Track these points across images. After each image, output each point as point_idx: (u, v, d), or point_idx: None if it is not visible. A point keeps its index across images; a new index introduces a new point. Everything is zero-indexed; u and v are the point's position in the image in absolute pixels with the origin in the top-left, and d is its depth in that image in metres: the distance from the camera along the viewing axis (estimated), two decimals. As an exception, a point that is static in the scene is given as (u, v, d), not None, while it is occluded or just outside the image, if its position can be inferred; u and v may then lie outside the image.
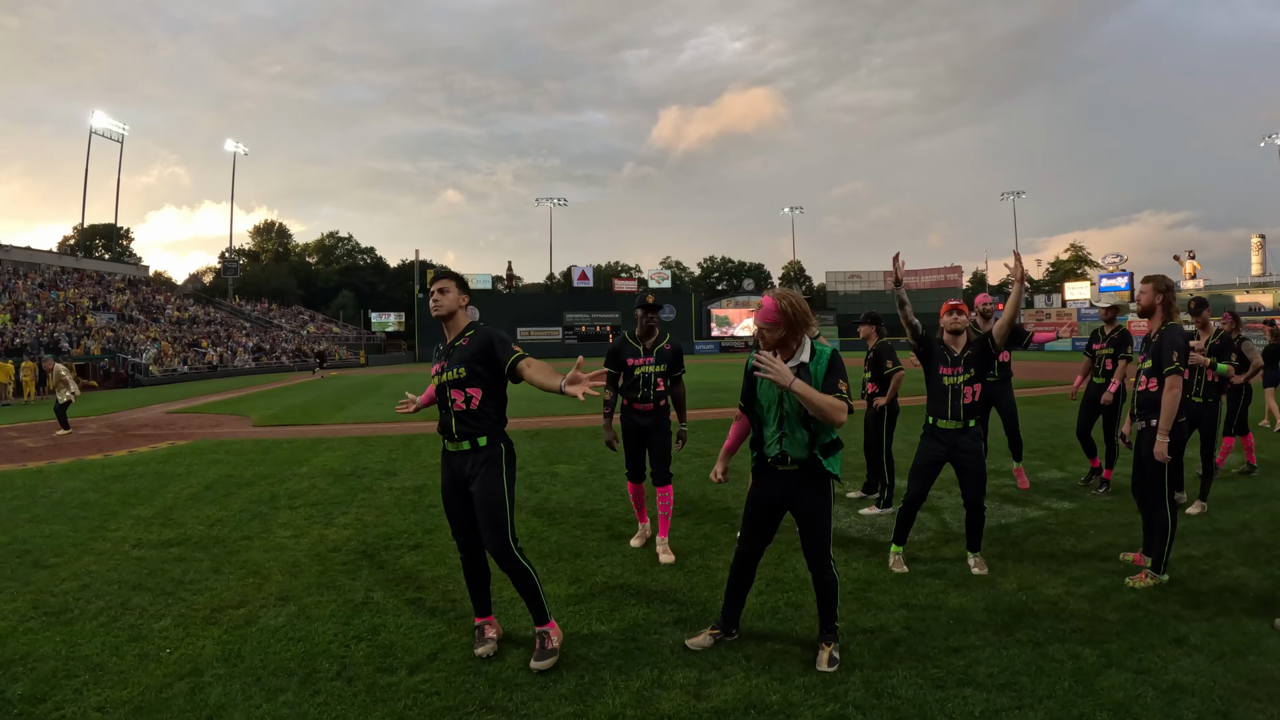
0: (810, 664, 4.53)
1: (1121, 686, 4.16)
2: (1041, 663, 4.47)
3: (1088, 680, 4.25)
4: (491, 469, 4.65)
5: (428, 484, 10.04)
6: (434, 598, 5.76)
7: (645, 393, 6.75)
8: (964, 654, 4.61)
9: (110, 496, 9.62)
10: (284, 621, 5.28)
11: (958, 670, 4.40)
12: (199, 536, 7.56)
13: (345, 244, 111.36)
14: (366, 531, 7.69)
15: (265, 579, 6.23)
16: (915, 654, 4.64)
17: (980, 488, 6.27)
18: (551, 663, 4.55)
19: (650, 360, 6.77)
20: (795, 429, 4.46)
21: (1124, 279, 76.69)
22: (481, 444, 4.68)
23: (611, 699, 4.17)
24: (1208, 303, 7.93)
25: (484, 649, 4.78)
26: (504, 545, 4.59)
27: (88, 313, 52.15)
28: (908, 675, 4.35)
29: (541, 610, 4.71)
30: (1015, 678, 4.30)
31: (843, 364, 4.45)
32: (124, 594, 5.92)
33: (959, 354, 6.27)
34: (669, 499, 6.89)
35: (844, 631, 4.94)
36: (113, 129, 70.74)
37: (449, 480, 4.82)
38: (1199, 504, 7.51)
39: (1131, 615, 5.16)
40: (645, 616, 5.36)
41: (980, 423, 6.32)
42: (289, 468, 11.60)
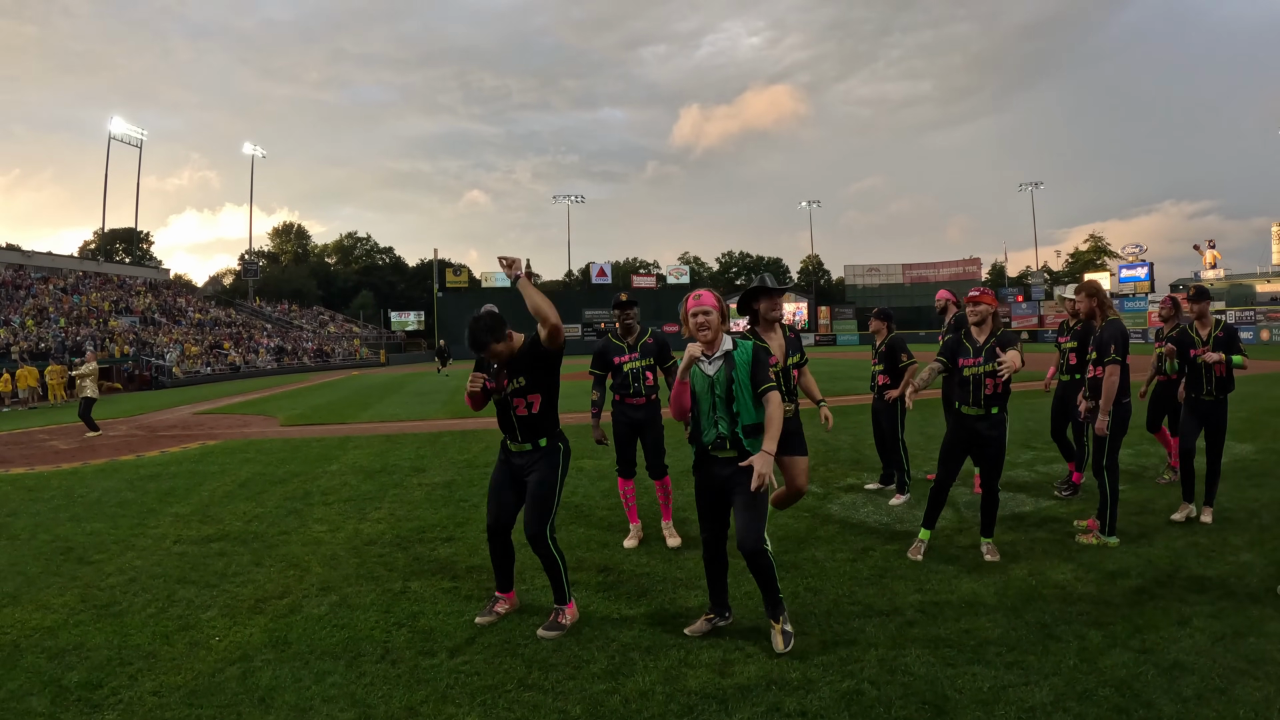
0: (831, 645, 4.73)
1: (1124, 665, 4.33)
2: (1048, 643, 4.66)
3: (1092, 659, 4.42)
4: (549, 462, 5.22)
5: (456, 480, 10.33)
6: (469, 587, 6.00)
7: (636, 388, 6.98)
8: (974, 635, 4.80)
9: (147, 495, 9.93)
10: (327, 610, 5.53)
11: (968, 649, 4.59)
12: (238, 532, 7.84)
13: (364, 244, 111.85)
14: (400, 525, 7.94)
15: (305, 571, 6.49)
16: (928, 635, 4.83)
17: (995, 474, 6.44)
18: (556, 635, 4.99)
19: (635, 356, 7.00)
20: (725, 414, 4.76)
21: (1144, 269, 75.99)
22: (543, 444, 5.22)
23: (641, 677, 4.38)
24: (1208, 293, 7.52)
25: (485, 619, 5.26)
26: (541, 531, 5.11)
27: (110, 316, 52.73)
28: (920, 654, 4.55)
29: (563, 592, 5.20)
30: (1023, 656, 4.48)
31: (764, 352, 4.91)
32: (169, 587, 6.19)
33: (981, 345, 6.42)
34: (667, 488, 7.20)
35: (859, 614, 5.21)
36: (131, 134, 71.29)
37: (505, 472, 5.35)
38: (1207, 510, 7.32)
39: (1137, 599, 5.32)
40: (671, 601, 5.60)
41: (1003, 410, 6.43)
42: (319, 465, 11.90)
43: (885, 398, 8.76)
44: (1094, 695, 4.00)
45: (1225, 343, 7.35)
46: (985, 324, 6.53)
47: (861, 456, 11.15)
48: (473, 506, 8.64)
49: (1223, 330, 7.48)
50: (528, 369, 5.13)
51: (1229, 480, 7.67)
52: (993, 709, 3.91)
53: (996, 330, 6.50)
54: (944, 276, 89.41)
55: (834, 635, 4.89)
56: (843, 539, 7.04)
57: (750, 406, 4.75)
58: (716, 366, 4.80)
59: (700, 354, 4.78)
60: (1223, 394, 7.39)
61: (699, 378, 4.84)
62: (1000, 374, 6.17)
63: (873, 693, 4.10)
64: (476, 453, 12.70)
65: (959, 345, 6.57)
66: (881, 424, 8.96)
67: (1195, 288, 7.68)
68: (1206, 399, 7.42)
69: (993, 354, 6.31)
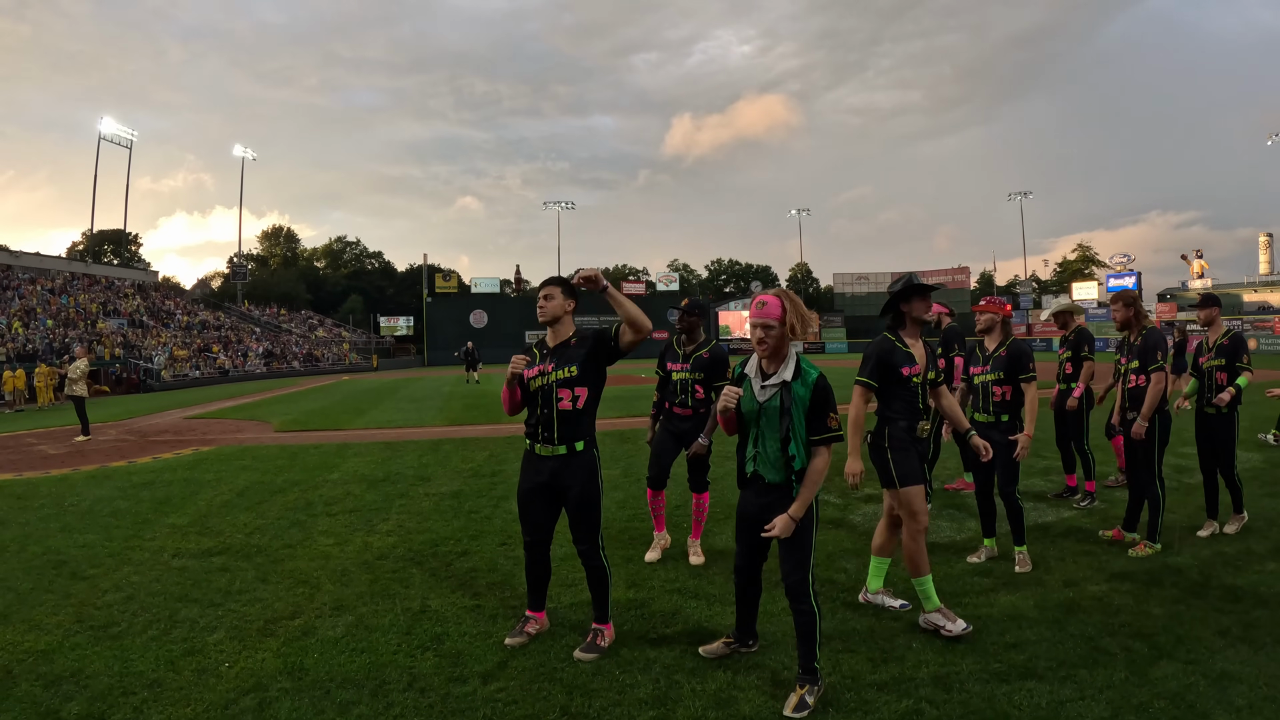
0: (879, 662, 4.57)
1: (1174, 676, 4.29)
2: (1096, 655, 4.60)
3: (1142, 671, 4.36)
4: (590, 475, 4.87)
5: (464, 489, 9.98)
6: (492, 604, 5.68)
7: (683, 399, 6.68)
8: (1022, 649, 4.71)
9: (141, 504, 9.53)
10: (343, 632, 5.19)
11: (1019, 664, 4.50)
12: (239, 545, 7.48)
13: (353, 248, 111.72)
14: (411, 538, 7.59)
15: (316, 588, 6.14)
16: (976, 649, 4.72)
17: (1008, 478, 6.37)
18: (595, 658, 4.67)
19: (686, 367, 6.66)
20: (767, 448, 4.18)
21: (1132, 279, 76.46)
22: (579, 449, 4.84)
23: (691, 702, 4.13)
24: (1217, 299, 7.51)
25: (516, 640, 4.93)
26: (593, 541, 4.89)
27: (98, 318, 52.25)
28: (972, 670, 4.44)
29: (605, 610, 4.93)
30: (1073, 670, 4.41)
31: (831, 391, 4.19)
32: (171, 605, 5.81)
33: (990, 353, 6.51)
34: (704, 506, 6.84)
35: (902, 630, 5.03)
36: (121, 134, 70.74)
37: (534, 484, 4.93)
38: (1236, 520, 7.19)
39: (1175, 609, 5.28)
40: (708, 618, 5.34)
41: (1014, 418, 6.44)
42: (320, 474, 11.52)
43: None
44: (1150, 708, 3.96)
45: (1229, 350, 7.24)
46: (994, 331, 6.60)
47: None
48: (484, 519, 8.33)
49: (1229, 339, 7.30)
50: (585, 358, 4.82)
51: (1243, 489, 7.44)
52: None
53: (1007, 339, 6.57)
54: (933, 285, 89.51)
55: (881, 652, 4.72)
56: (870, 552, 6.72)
57: (802, 449, 4.14)
58: (771, 393, 4.17)
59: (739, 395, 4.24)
60: (1231, 409, 7.17)
61: (747, 397, 4.23)
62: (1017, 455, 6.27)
63: (932, 712, 3.98)
64: (480, 461, 12.36)
65: (971, 354, 6.72)
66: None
67: (1203, 294, 7.62)
68: (1209, 411, 7.25)
69: (1001, 362, 6.41)
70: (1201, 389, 7.33)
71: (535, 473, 4.92)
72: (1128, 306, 7.04)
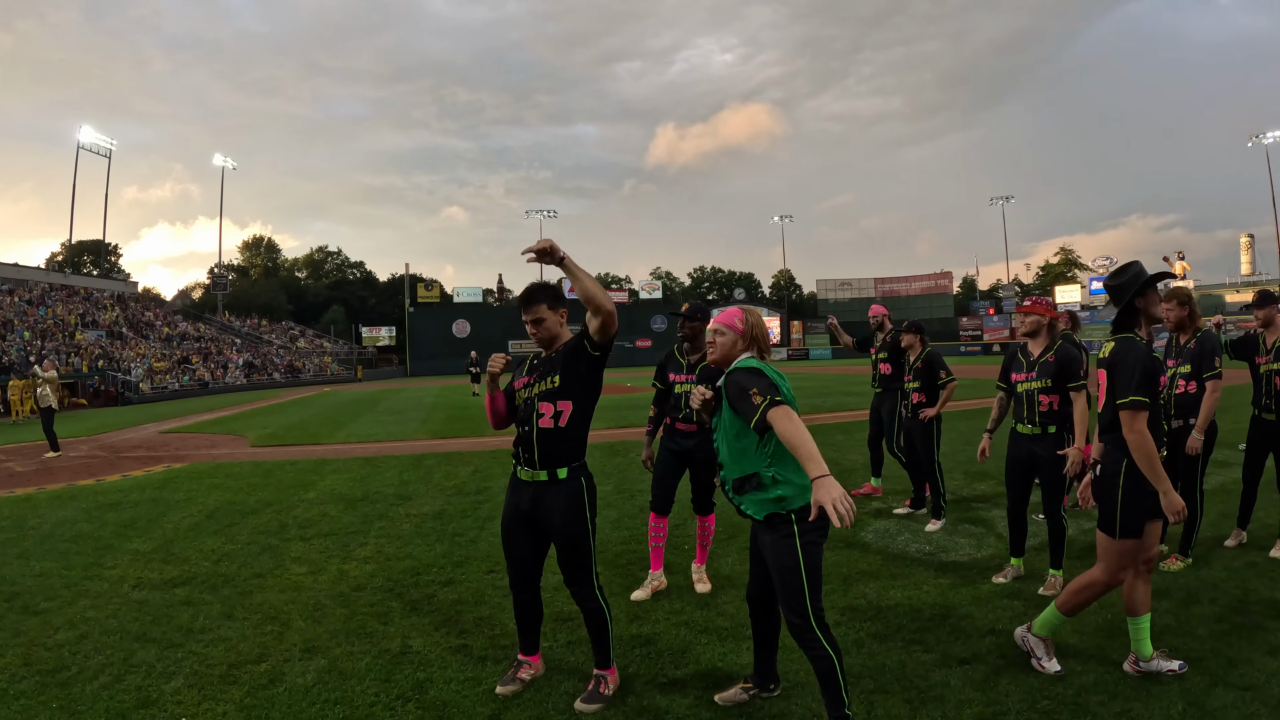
0: (918, 704, 4.10)
1: (1233, 705, 3.97)
2: (1147, 685, 4.23)
3: (1199, 702, 4.02)
4: (574, 505, 4.26)
5: (447, 509, 9.42)
6: (481, 644, 5.13)
7: (688, 413, 6.04)
8: (1069, 682, 4.31)
9: (105, 528, 8.95)
10: (314, 679, 4.62)
11: (1068, 700, 4.11)
12: (205, 574, 6.91)
13: (334, 258, 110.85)
14: (390, 566, 7.03)
15: (286, 626, 5.56)
16: (1020, 685, 4.29)
17: (1054, 495, 5.97)
18: (598, 709, 4.15)
19: (691, 378, 6.08)
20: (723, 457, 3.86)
21: (1116, 281, 76.58)
22: (561, 476, 4.23)
23: None
24: (1274, 296, 6.82)
25: (508, 689, 4.36)
26: (587, 581, 4.30)
27: (76, 330, 51.32)
28: (1020, 709, 4.02)
29: (607, 654, 4.37)
30: (1128, 704, 4.03)
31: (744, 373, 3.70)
32: (126, 646, 5.25)
33: (1035, 358, 5.95)
34: (710, 529, 6.31)
35: (938, 664, 4.58)
36: (100, 144, 69.68)
37: (515, 513, 4.35)
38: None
39: (1218, 628, 4.98)
40: (722, 657, 4.83)
41: (1061, 429, 5.87)
42: (295, 493, 10.94)
43: (921, 416, 8.15)
44: None
45: None
46: (1040, 335, 6.02)
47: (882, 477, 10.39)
48: (469, 542, 7.78)
49: None
50: (566, 364, 4.24)
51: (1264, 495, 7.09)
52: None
53: (1055, 343, 5.98)
54: (916, 290, 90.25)
55: (918, 691, 4.24)
56: (889, 573, 6.39)
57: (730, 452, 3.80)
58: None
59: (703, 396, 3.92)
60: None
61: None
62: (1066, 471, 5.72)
63: None
64: (465, 478, 11.79)
65: (1013, 359, 6.10)
66: (915, 444, 8.31)
67: (1258, 292, 6.97)
68: (1267, 417, 6.72)
69: (1049, 369, 5.83)
70: (1258, 393, 6.79)
71: (516, 497, 4.36)
72: (1182, 305, 6.50)
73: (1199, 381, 6.36)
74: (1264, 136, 75.23)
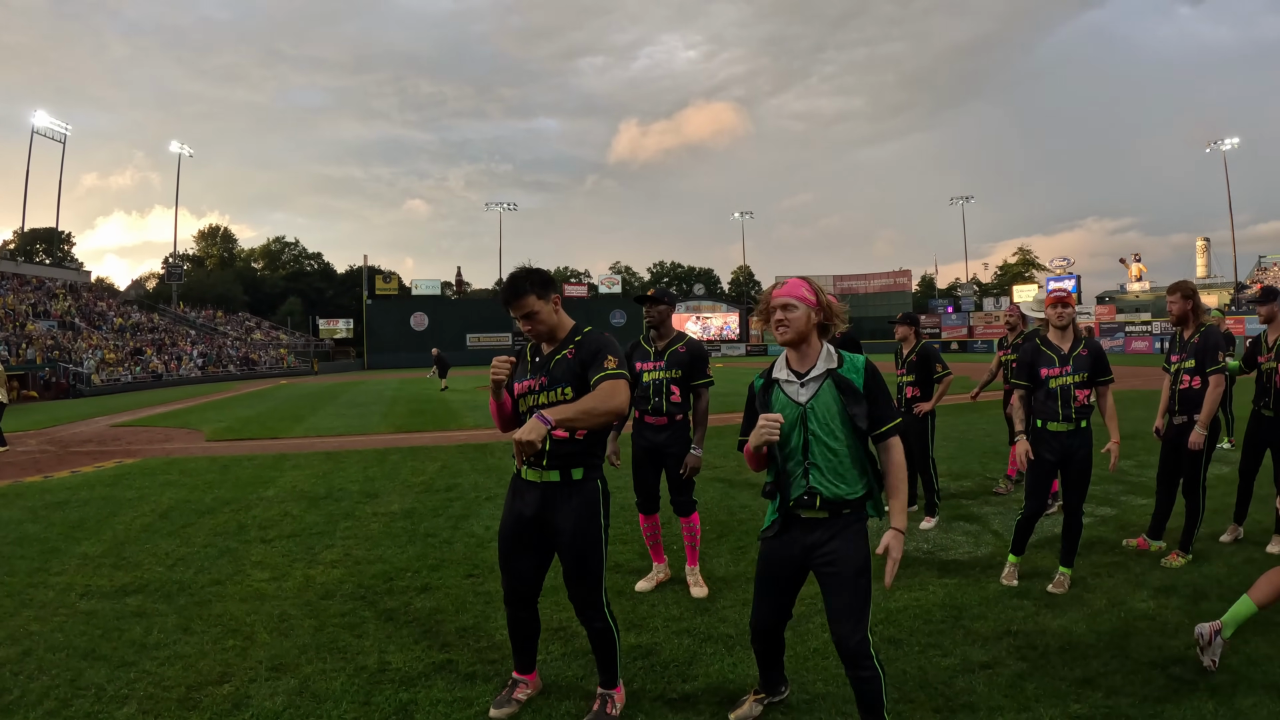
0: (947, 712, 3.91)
1: (1263, 705, 3.88)
2: (1176, 686, 4.13)
3: (1228, 701, 3.92)
4: (589, 510, 3.80)
5: (417, 508, 8.96)
6: (467, 659, 4.69)
7: (656, 403, 5.77)
8: (1096, 684, 4.17)
9: (52, 529, 8.37)
10: (284, 703, 4.15)
11: (1099, 704, 3.95)
12: (159, 581, 6.39)
13: (292, 249, 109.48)
14: (360, 570, 6.56)
15: (249, 640, 5.07)
16: (1048, 690, 4.12)
17: (1082, 494, 5.82)
18: None
19: (660, 365, 5.77)
20: (821, 457, 3.39)
21: (1071, 281, 77.72)
22: (576, 477, 3.78)
23: None
24: (1277, 292, 6.67)
25: (503, 712, 3.94)
26: (596, 599, 3.86)
27: (27, 320, 49.85)
28: (1053, 715, 3.84)
29: (614, 673, 3.97)
30: (1159, 707, 3.90)
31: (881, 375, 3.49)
32: (74, 665, 4.72)
33: (1067, 353, 5.76)
34: (695, 529, 5.96)
35: (959, 670, 4.39)
36: (54, 128, 67.89)
37: (517, 516, 3.87)
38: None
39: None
40: (731, 667, 4.51)
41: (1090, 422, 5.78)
42: (254, 490, 10.39)
43: (915, 411, 7.91)
44: None
45: None
46: (1069, 329, 5.88)
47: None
48: (444, 543, 7.35)
49: None
50: (579, 378, 3.76)
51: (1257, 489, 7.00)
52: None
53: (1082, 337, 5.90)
54: (874, 288, 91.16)
55: (945, 699, 4.03)
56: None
57: (850, 460, 3.41)
58: (811, 391, 3.43)
59: (783, 376, 3.50)
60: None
61: (786, 406, 3.44)
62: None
63: None
64: (433, 473, 11.32)
65: (1038, 355, 5.85)
66: (909, 440, 7.96)
67: (1263, 287, 6.84)
68: (1266, 414, 6.62)
69: (1084, 362, 5.69)
70: (1259, 391, 6.69)
71: (520, 503, 3.86)
72: (1186, 299, 6.37)
73: (1202, 376, 6.25)
74: (1220, 143, 77.37)
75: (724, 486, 9.83)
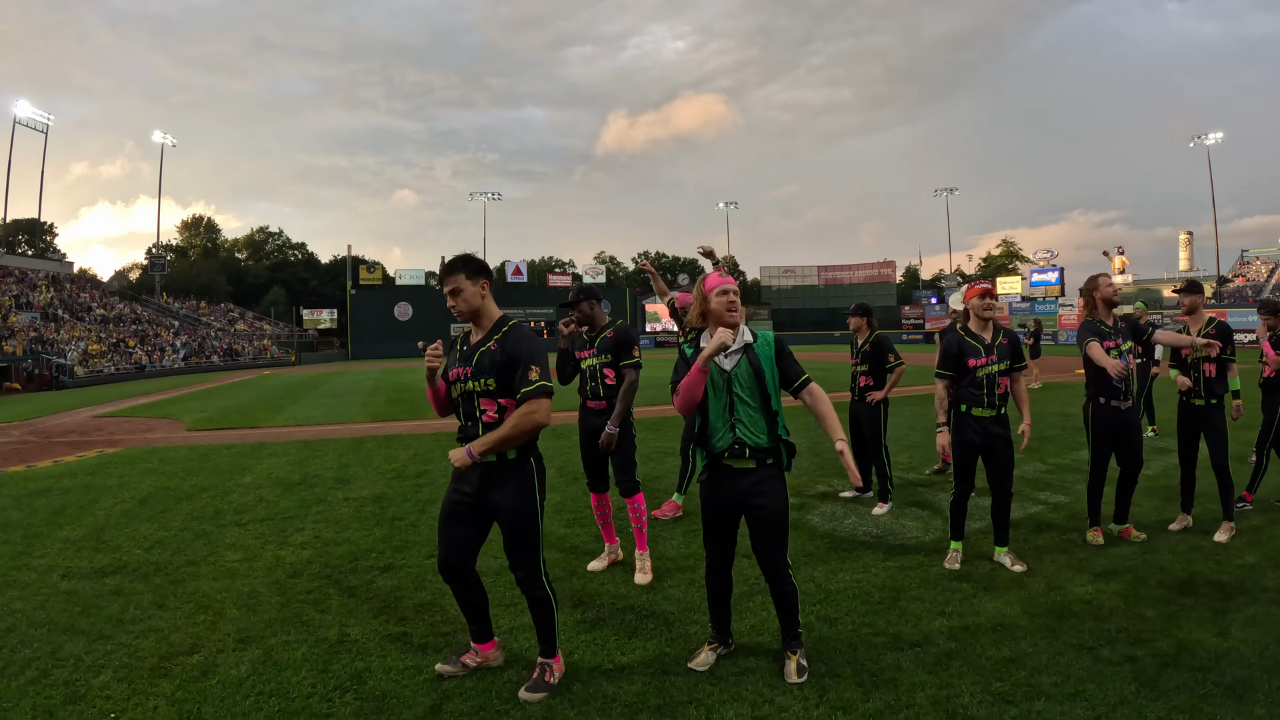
0: (870, 687, 4.15)
1: (1186, 686, 4.05)
2: (1100, 667, 4.32)
3: (1151, 682, 4.10)
4: (524, 489, 4.12)
5: (387, 493, 9.29)
6: (421, 632, 5.02)
7: (593, 388, 6.16)
8: (1020, 663, 4.38)
9: (34, 515, 8.63)
10: (248, 671, 4.48)
11: (1021, 682, 4.16)
12: (136, 563, 6.69)
13: (275, 239, 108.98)
14: (328, 551, 6.88)
15: (219, 615, 5.40)
16: (972, 667, 4.35)
17: (1010, 474, 6.19)
18: (543, 697, 4.06)
19: (592, 352, 6.14)
20: (746, 414, 4.18)
21: (1055, 274, 78.30)
22: (511, 457, 4.09)
23: None
24: (1200, 286, 7.35)
25: (446, 668, 4.37)
26: (534, 568, 4.19)
27: (10, 311, 49.74)
28: (973, 691, 4.06)
29: (553, 642, 4.26)
30: (1080, 685, 4.10)
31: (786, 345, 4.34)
32: (54, 639, 5.04)
33: (990, 343, 6.11)
34: (640, 509, 6.20)
35: (888, 646, 4.67)
36: (37, 118, 67.47)
37: (459, 493, 4.19)
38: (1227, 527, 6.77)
39: (1167, 610, 5.10)
40: (670, 641, 4.83)
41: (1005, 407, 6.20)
42: (231, 477, 10.68)
43: (869, 400, 8.22)
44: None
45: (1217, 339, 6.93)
46: (990, 321, 6.26)
47: (825, 461, 10.50)
48: (410, 526, 7.66)
49: (1214, 328, 7.07)
50: (501, 375, 4.05)
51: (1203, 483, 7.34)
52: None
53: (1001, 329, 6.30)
54: (859, 279, 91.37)
55: (870, 675, 4.28)
56: (837, 556, 6.43)
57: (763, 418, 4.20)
58: (735, 360, 4.20)
59: (729, 341, 4.08)
60: (1213, 396, 6.99)
61: (714, 372, 4.20)
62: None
63: None
64: (405, 461, 11.65)
65: (964, 346, 6.16)
66: (863, 428, 8.33)
67: (1187, 281, 7.32)
68: (1197, 403, 7.02)
69: (1004, 351, 6.10)
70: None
71: (462, 481, 4.19)
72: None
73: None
74: (1205, 138, 77.76)
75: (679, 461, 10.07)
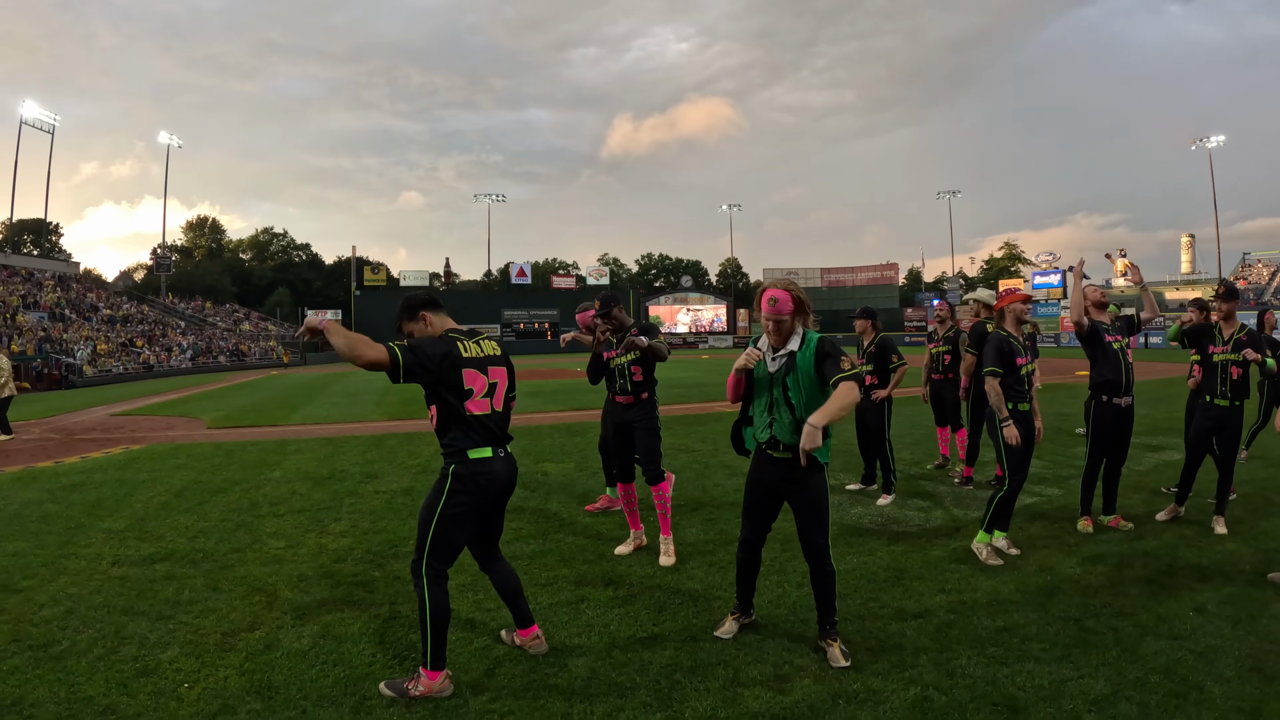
0: (879, 650, 4.60)
1: (1163, 652, 4.48)
2: (1085, 636, 4.77)
3: (1132, 649, 4.54)
4: (434, 489, 4.27)
5: (415, 486, 9.63)
6: (466, 608, 5.39)
7: (622, 384, 6.62)
8: (1014, 632, 4.82)
9: (72, 508, 8.93)
10: (310, 644, 4.82)
11: (1014, 647, 4.60)
12: (183, 550, 7.01)
13: (280, 240, 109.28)
14: (366, 539, 7.23)
15: (273, 596, 5.74)
16: (969, 635, 4.79)
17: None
18: (391, 696, 4.08)
19: (620, 351, 6.62)
20: (783, 414, 4.52)
21: (1057, 276, 78.49)
22: (438, 466, 4.42)
23: (697, 702, 4.01)
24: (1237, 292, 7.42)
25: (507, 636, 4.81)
26: (415, 561, 4.23)
27: (18, 311, 50.09)
28: (970, 655, 4.50)
29: (426, 651, 4.11)
30: (1068, 651, 4.54)
31: (834, 344, 4.51)
32: (116, 620, 5.32)
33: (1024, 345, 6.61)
34: (666, 496, 6.57)
35: (893, 617, 5.12)
36: (44, 119, 67.81)
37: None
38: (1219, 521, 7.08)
39: (1150, 589, 5.55)
40: (696, 614, 5.26)
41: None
42: (260, 472, 11.02)
43: (873, 398, 8.58)
44: (1147, 682, 4.13)
45: (1250, 344, 7.19)
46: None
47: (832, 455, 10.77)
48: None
49: (1246, 334, 7.25)
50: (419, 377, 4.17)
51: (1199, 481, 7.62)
52: (1060, 703, 3.94)
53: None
54: (862, 281, 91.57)
55: (877, 641, 4.75)
56: (845, 542, 6.81)
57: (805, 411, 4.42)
58: (779, 364, 4.55)
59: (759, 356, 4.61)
60: (1239, 399, 7.23)
61: (760, 369, 4.62)
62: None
63: (941, 699, 4.01)
64: (428, 457, 11.96)
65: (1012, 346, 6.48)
66: (868, 424, 8.72)
67: (1225, 285, 7.41)
68: (1221, 404, 7.24)
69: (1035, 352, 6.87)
70: (1211, 380, 7.32)
71: None
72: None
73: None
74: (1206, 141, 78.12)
75: (700, 467, 10.58)
